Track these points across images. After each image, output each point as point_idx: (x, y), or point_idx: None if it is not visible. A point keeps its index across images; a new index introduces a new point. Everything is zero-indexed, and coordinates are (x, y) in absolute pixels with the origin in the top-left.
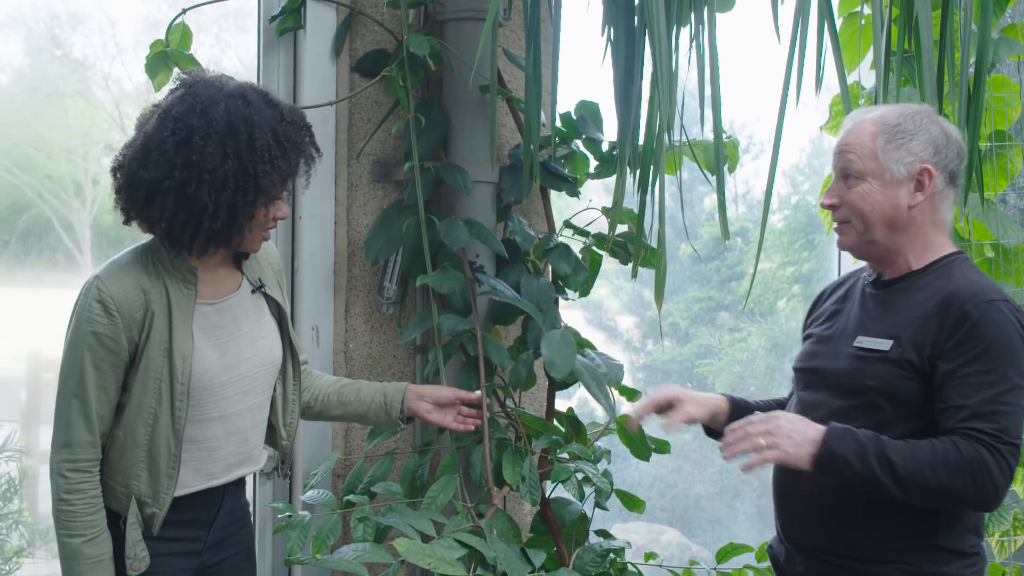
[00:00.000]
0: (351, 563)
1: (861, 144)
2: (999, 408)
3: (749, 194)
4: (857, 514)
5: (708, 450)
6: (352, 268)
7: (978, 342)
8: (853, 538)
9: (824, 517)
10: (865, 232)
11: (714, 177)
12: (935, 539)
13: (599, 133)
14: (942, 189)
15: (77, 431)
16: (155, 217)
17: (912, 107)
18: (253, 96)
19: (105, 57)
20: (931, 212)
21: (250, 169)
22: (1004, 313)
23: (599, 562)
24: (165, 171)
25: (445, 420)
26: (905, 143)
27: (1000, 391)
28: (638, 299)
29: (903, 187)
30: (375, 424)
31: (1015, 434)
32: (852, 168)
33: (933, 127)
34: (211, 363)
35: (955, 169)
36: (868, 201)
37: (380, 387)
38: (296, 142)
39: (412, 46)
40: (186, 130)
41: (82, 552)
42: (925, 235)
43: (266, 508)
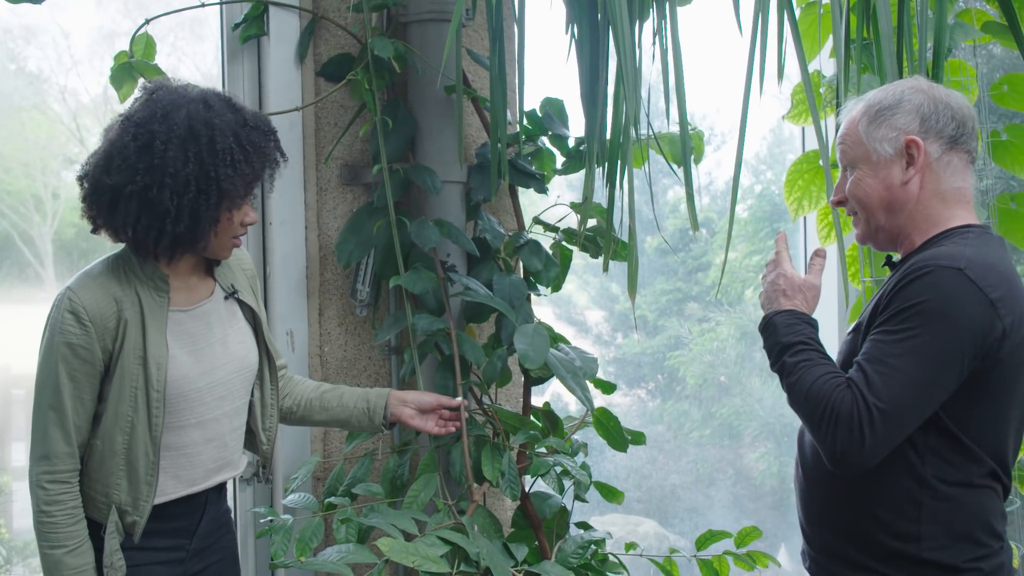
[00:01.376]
0: (336, 564)
1: (849, 133)
2: (882, 368)
3: (712, 185)
4: (842, 523)
5: (682, 440)
6: (324, 272)
7: (899, 303)
8: (839, 545)
9: (816, 522)
10: (869, 220)
11: (679, 169)
12: (917, 547)
13: (565, 129)
14: (940, 156)
15: (55, 443)
16: (119, 223)
17: (899, 83)
18: (215, 101)
19: (60, 70)
20: (932, 183)
21: (211, 172)
22: (942, 279)
23: (581, 554)
24: (127, 176)
25: (427, 425)
26: (887, 119)
27: (894, 352)
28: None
29: (894, 165)
30: (357, 429)
31: (887, 398)
32: (846, 159)
33: (917, 96)
34: (186, 369)
35: (954, 133)
36: (862, 188)
37: (363, 393)
38: (259, 146)
39: (377, 49)
40: (147, 135)
41: (64, 563)
42: (929, 209)
43: (247, 513)
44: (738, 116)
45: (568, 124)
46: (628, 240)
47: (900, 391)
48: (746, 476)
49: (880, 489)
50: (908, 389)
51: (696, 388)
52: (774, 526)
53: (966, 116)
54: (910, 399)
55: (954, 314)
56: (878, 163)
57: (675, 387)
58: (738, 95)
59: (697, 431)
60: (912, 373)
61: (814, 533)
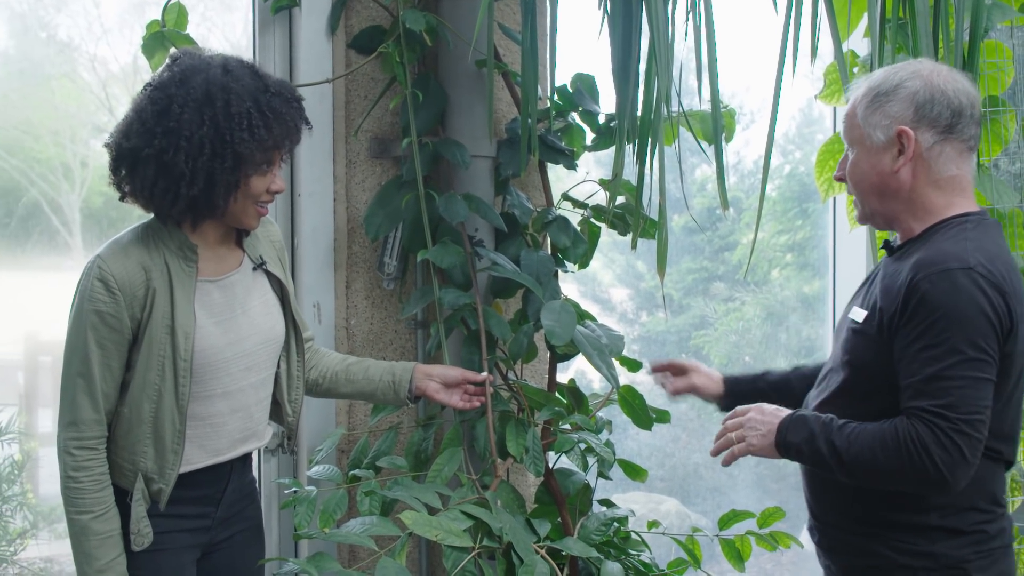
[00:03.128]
0: (359, 536)
1: (851, 113)
2: (944, 384)
3: (740, 164)
4: (850, 492)
5: (706, 419)
6: (352, 245)
7: (925, 315)
8: (851, 514)
9: (826, 493)
10: (862, 203)
11: (708, 147)
12: (927, 518)
13: (596, 106)
14: (932, 146)
15: (83, 409)
16: (138, 187)
17: (900, 65)
18: (235, 66)
19: (91, 38)
20: (925, 172)
21: (227, 136)
22: (958, 282)
23: (603, 531)
24: (146, 140)
25: (452, 400)
26: (882, 106)
27: (946, 365)
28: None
29: (886, 153)
30: (383, 403)
31: (965, 408)
32: (846, 138)
33: (914, 82)
34: (214, 340)
35: (949, 122)
36: (856, 171)
37: (388, 366)
38: (280, 112)
39: (408, 22)
40: (165, 99)
41: (91, 528)
42: (923, 198)
43: (272, 484)
44: (768, 95)
45: (599, 100)
46: (658, 218)
47: (972, 393)
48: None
49: None
50: (976, 388)
51: (721, 367)
52: (797, 507)
53: (963, 104)
54: (983, 396)
55: (975, 312)
56: (871, 148)
57: None
58: (769, 74)
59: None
60: (970, 374)
61: (822, 510)
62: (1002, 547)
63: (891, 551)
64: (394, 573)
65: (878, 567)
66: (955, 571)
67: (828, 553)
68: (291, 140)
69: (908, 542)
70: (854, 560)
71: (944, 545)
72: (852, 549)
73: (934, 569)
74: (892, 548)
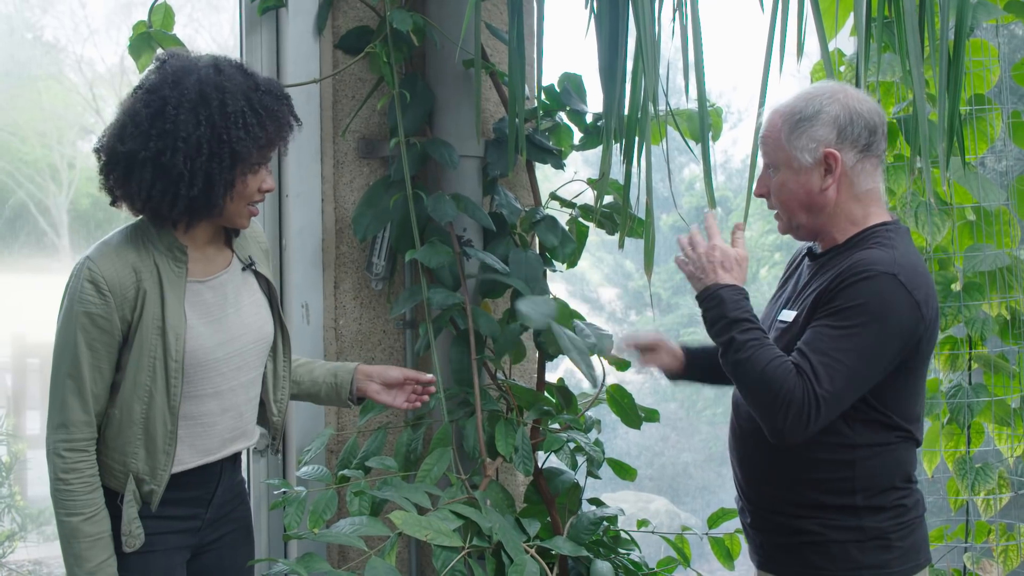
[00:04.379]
0: (348, 537)
1: (771, 136)
2: (828, 360)
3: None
4: (782, 479)
5: (695, 418)
6: (340, 245)
7: (842, 302)
8: (782, 497)
9: (758, 479)
10: (790, 220)
11: (695, 146)
12: (853, 499)
13: (583, 105)
14: (855, 164)
15: (72, 411)
16: (135, 191)
17: (816, 88)
18: (226, 66)
19: (77, 39)
20: (848, 188)
21: (223, 135)
22: (881, 284)
23: (593, 530)
24: (141, 143)
25: (395, 401)
26: (806, 130)
27: (839, 347)
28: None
29: (813, 172)
30: (327, 404)
31: (827, 385)
32: (768, 159)
33: (833, 107)
34: (204, 340)
35: (867, 141)
36: (784, 191)
37: (332, 368)
38: (272, 110)
39: (395, 22)
40: (159, 101)
41: (81, 530)
42: (847, 211)
43: (261, 485)
44: (755, 94)
45: (586, 100)
46: (645, 217)
47: (841, 382)
48: None
49: (817, 456)
50: (848, 380)
51: None
52: None
53: (876, 123)
54: (849, 389)
55: (889, 317)
56: (799, 169)
57: None
58: (756, 73)
59: (710, 409)
60: (852, 366)
61: (754, 491)
62: (917, 518)
63: (822, 527)
64: (384, 573)
65: (811, 543)
66: (880, 540)
67: (760, 532)
68: (284, 137)
69: (837, 520)
70: (788, 538)
71: (869, 520)
72: (784, 529)
73: (862, 540)
74: (822, 525)
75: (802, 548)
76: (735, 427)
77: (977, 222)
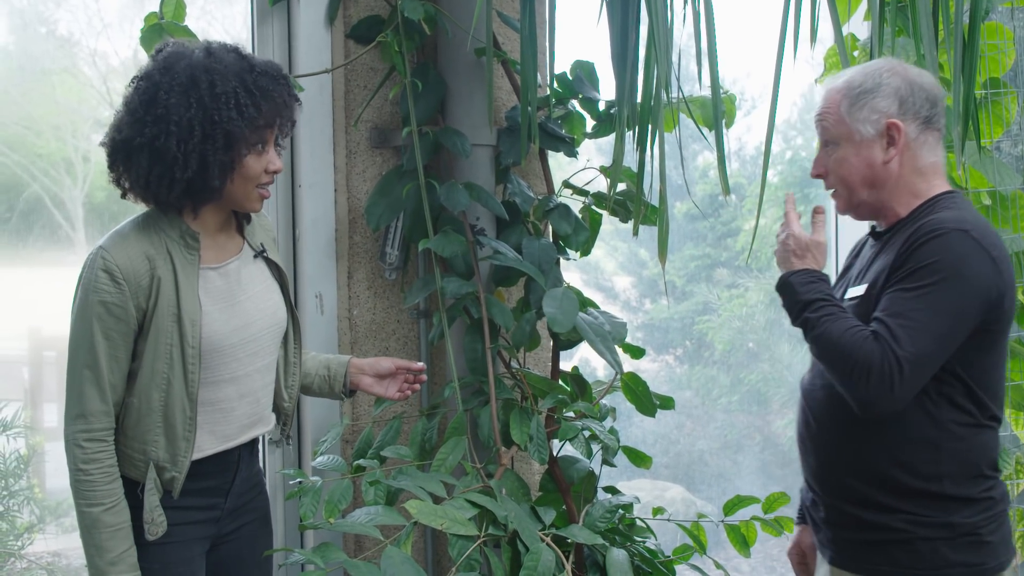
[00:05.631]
0: (364, 526)
1: (830, 111)
2: (906, 322)
3: (742, 150)
4: (862, 466)
5: (710, 406)
6: (353, 235)
7: (914, 263)
8: (860, 489)
9: (832, 468)
10: (850, 196)
11: (709, 133)
12: (940, 486)
13: (595, 93)
14: (917, 136)
15: (91, 401)
16: (134, 177)
17: (875, 63)
18: (217, 49)
19: (91, 33)
20: (911, 161)
21: (215, 116)
22: (953, 241)
23: (608, 518)
24: (137, 130)
25: (388, 392)
26: (868, 101)
27: (915, 307)
28: (634, 259)
29: (875, 145)
30: (320, 396)
31: (908, 348)
32: (827, 136)
33: (894, 79)
34: (219, 326)
35: (928, 114)
36: (845, 166)
37: (325, 360)
38: (268, 90)
39: (406, 11)
40: (152, 88)
41: (102, 521)
42: (910, 184)
43: (277, 476)
44: (769, 80)
45: (599, 87)
46: (659, 205)
47: (923, 343)
48: (774, 442)
49: (901, 435)
50: (930, 340)
51: (724, 354)
52: None
53: (937, 96)
54: (932, 349)
55: (965, 271)
56: (860, 143)
57: (703, 353)
58: (769, 59)
59: (725, 397)
60: (932, 326)
61: (832, 480)
62: (1004, 511)
63: (908, 524)
64: (400, 562)
65: (897, 540)
66: (971, 536)
67: (834, 527)
68: (282, 118)
69: (924, 514)
70: (869, 534)
71: (959, 515)
72: (865, 524)
73: (953, 537)
74: (909, 522)
75: (887, 545)
76: (807, 419)
77: (993, 206)
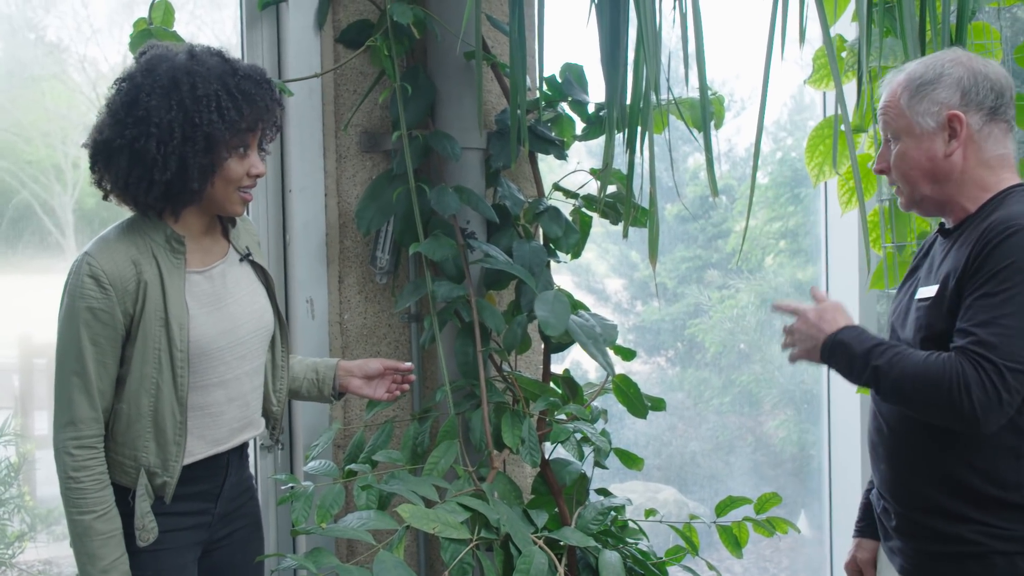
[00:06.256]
0: (356, 531)
1: (892, 105)
2: (996, 329)
3: (732, 152)
4: (937, 474)
5: (702, 407)
6: (344, 239)
7: (992, 266)
8: (934, 497)
9: (906, 476)
10: (912, 191)
11: (698, 135)
12: (1020, 496)
13: (585, 95)
14: (981, 127)
15: (80, 408)
16: (114, 179)
17: (939, 54)
18: (200, 52)
19: (80, 39)
20: (976, 154)
21: (195, 118)
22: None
23: (601, 520)
24: (117, 131)
25: (377, 393)
26: (928, 93)
27: (1003, 313)
28: (625, 261)
29: (937, 138)
30: (308, 400)
31: (1012, 356)
32: (889, 129)
33: (957, 69)
34: (207, 329)
35: (994, 104)
36: (906, 160)
37: (312, 364)
38: (250, 94)
39: (396, 15)
40: (133, 90)
41: (94, 528)
42: (976, 177)
43: (268, 481)
44: (758, 82)
45: (588, 90)
46: (649, 206)
47: (1020, 347)
48: (766, 443)
49: (979, 442)
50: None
51: (716, 355)
52: (794, 493)
53: (1004, 86)
54: None
55: None
56: (921, 136)
57: (695, 354)
58: (758, 60)
59: (717, 398)
60: (1023, 327)
61: (906, 489)
62: None
63: (983, 536)
64: (392, 566)
65: (972, 554)
66: None
67: (908, 538)
68: (264, 122)
69: (1002, 526)
70: (942, 546)
71: None
72: (939, 536)
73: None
74: (984, 534)
75: (961, 558)
76: (880, 427)
77: None
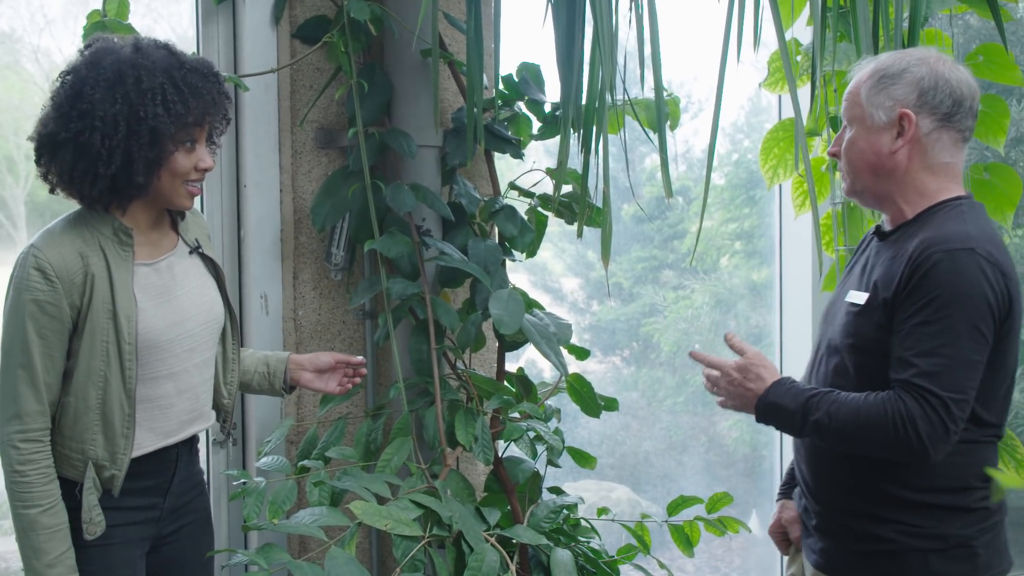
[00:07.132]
0: (308, 527)
1: (854, 92)
2: (937, 360)
3: (689, 153)
4: (854, 478)
5: (656, 407)
6: (299, 235)
7: (927, 292)
8: (853, 500)
9: (826, 481)
10: (855, 180)
11: (655, 135)
12: (935, 497)
13: (541, 94)
14: (931, 132)
15: (26, 401)
16: (59, 172)
17: (911, 51)
18: (146, 45)
19: (33, 29)
20: (920, 156)
21: (140, 112)
22: (962, 263)
23: (553, 518)
24: (62, 124)
25: (328, 386)
26: (887, 87)
27: (941, 343)
28: (582, 260)
29: (886, 133)
30: (259, 393)
31: (954, 387)
32: (846, 116)
33: (920, 69)
34: (155, 321)
35: (950, 111)
36: (854, 148)
37: (263, 357)
38: (197, 87)
39: (352, 11)
40: (78, 83)
41: (39, 523)
42: (917, 181)
43: (220, 476)
44: (715, 84)
45: (544, 89)
46: (603, 206)
47: (963, 374)
48: (719, 443)
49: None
50: (967, 370)
51: (670, 355)
52: (746, 492)
53: (964, 96)
54: (972, 378)
55: (977, 294)
56: (871, 128)
57: (650, 354)
58: (716, 63)
59: (671, 398)
60: (964, 355)
61: (824, 491)
62: (1000, 520)
63: (899, 534)
64: (344, 563)
65: (886, 552)
66: (963, 549)
67: (827, 536)
68: (212, 115)
69: (916, 524)
70: (860, 545)
71: (951, 526)
72: (858, 535)
73: (944, 548)
74: (900, 532)
75: (876, 557)
76: None
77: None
